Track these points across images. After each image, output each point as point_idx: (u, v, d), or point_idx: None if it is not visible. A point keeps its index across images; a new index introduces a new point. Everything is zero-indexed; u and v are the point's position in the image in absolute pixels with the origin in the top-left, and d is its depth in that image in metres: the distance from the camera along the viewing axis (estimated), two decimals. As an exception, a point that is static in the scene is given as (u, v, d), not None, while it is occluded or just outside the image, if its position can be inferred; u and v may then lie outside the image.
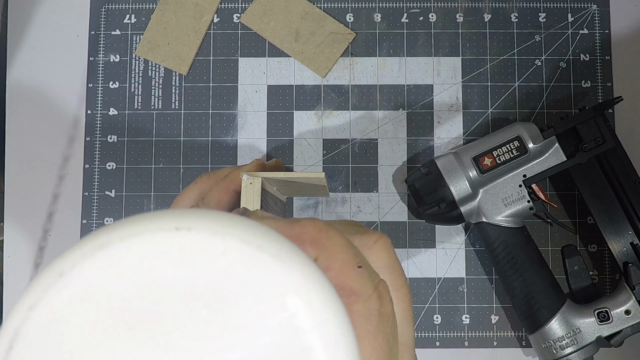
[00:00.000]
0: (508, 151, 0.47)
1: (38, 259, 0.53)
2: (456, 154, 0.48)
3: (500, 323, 0.52)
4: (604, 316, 0.46)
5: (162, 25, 0.54)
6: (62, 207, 0.53)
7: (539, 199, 0.48)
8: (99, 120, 0.54)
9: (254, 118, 0.54)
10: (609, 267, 0.52)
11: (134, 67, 0.54)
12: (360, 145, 0.53)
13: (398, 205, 0.53)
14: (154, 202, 0.53)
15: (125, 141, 0.54)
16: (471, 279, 0.52)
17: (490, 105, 0.54)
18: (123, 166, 0.53)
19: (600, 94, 0.53)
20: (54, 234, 0.53)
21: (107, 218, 0.53)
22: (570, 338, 0.46)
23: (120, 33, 0.55)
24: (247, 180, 0.37)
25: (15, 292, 0.52)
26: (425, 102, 0.54)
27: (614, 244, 0.48)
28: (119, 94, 0.54)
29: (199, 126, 0.54)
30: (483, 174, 0.47)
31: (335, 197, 0.53)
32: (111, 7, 0.55)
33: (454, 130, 0.53)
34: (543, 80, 0.54)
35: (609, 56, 0.54)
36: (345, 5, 0.55)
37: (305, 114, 0.54)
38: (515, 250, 0.47)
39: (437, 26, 0.54)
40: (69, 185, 0.53)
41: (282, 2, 0.54)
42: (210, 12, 0.54)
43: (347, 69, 0.54)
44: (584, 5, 0.54)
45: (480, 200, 0.48)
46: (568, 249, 0.52)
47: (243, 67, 0.54)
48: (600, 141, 0.47)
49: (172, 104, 0.54)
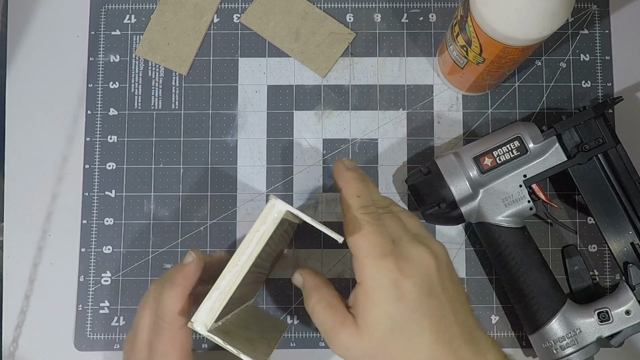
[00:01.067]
0: (508, 151, 0.47)
1: (37, 259, 0.53)
2: (456, 154, 0.48)
3: (501, 323, 0.52)
4: (605, 316, 0.46)
5: (162, 25, 0.54)
6: (61, 207, 0.53)
7: (539, 199, 0.48)
8: (99, 120, 0.54)
9: (254, 118, 0.54)
10: (609, 267, 0.52)
11: (134, 67, 0.54)
12: (360, 145, 0.53)
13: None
14: (154, 202, 0.53)
15: (125, 141, 0.53)
16: (471, 279, 0.52)
17: (490, 105, 0.54)
18: (123, 166, 0.53)
19: (600, 94, 0.53)
20: (54, 234, 0.53)
21: (107, 218, 0.53)
22: (571, 338, 0.46)
23: (120, 33, 0.55)
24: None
25: (15, 292, 0.52)
26: (425, 102, 0.54)
27: (614, 244, 0.48)
28: (119, 94, 0.54)
29: (199, 126, 0.54)
30: (483, 174, 0.47)
31: (336, 197, 0.53)
32: (111, 7, 0.55)
33: (454, 130, 0.53)
34: (543, 80, 0.54)
35: (609, 56, 0.54)
36: (345, 5, 0.55)
37: (305, 114, 0.54)
38: (516, 250, 0.47)
39: (437, 26, 0.54)
40: (68, 185, 0.53)
41: (282, 2, 0.54)
42: (210, 12, 0.54)
43: (347, 69, 0.54)
44: (584, 5, 0.54)
45: (480, 200, 0.48)
46: (568, 249, 0.52)
47: (243, 67, 0.54)
48: (600, 141, 0.47)
49: (172, 104, 0.54)
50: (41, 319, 0.52)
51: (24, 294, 0.52)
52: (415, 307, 0.36)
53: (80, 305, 0.52)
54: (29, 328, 0.52)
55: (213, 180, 0.53)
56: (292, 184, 0.53)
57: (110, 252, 0.52)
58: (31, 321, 0.52)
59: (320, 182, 0.53)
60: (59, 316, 0.52)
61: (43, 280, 0.52)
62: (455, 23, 0.45)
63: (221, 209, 0.52)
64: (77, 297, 0.52)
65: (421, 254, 0.37)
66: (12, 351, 0.52)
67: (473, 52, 0.44)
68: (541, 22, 0.38)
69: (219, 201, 0.53)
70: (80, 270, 0.52)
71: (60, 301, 0.52)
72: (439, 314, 0.36)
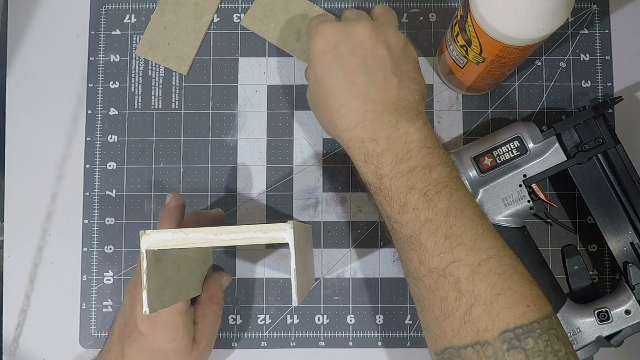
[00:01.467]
0: (508, 151, 0.47)
1: (37, 259, 0.53)
2: (456, 154, 0.48)
3: (500, 323, 0.52)
4: (604, 316, 0.46)
5: (162, 25, 0.54)
6: (61, 207, 0.53)
7: (539, 198, 0.48)
8: (99, 120, 0.54)
9: (254, 118, 0.54)
10: (609, 267, 0.52)
11: (134, 67, 0.54)
12: (360, 145, 0.53)
13: (398, 205, 0.53)
14: (154, 202, 0.53)
15: (125, 141, 0.54)
16: (471, 279, 0.52)
17: (490, 105, 0.54)
18: (123, 166, 0.53)
19: (600, 94, 0.53)
20: (54, 234, 0.53)
21: (107, 218, 0.53)
22: (571, 338, 0.46)
23: (120, 33, 0.55)
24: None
25: (15, 292, 0.52)
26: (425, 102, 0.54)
27: (614, 243, 0.48)
28: (119, 94, 0.54)
29: (199, 126, 0.54)
30: (483, 174, 0.47)
31: (335, 197, 0.53)
32: (111, 7, 0.55)
33: (454, 130, 0.53)
34: (543, 80, 0.54)
35: (609, 56, 0.54)
36: (345, 5, 0.55)
37: (305, 114, 0.54)
38: (515, 250, 0.47)
39: (437, 26, 0.54)
40: (68, 185, 0.53)
41: (282, 3, 0.54)
42: (210, 12, 0.54)
43: (347, 69, 0.54)
44: (584, 5, 0.54)
45: (480, 200, 0.48)
46: (568, 249, 0.52)
47: (243, 67, 0.54)
48: (600, 141, 0.47)
49: (172, 104, 0.54)
50: (42, 318, 0.52)
51: (24, 293, 0.52)
52: (335, 60, 0.41)
53: (84, 303, 0.52)
54: (29, 327, 0.52)
55: (213, 180, 0.53)
56: (292, 184, 0.53)
57: (112, 251, 0.52)
58: (32, 320, 0.52)
59: (320, 182, 0.53)
60: (60, 315, 0.52)
61: (43, 279, 0.52)
62: (455, 23, 0.45)
63: (221, 208, 0.52)
64: (80, 296, 0.52)
65: (362, 28, 0.41)
66: (13, 350, 0.52)
67: (473, 52, 0.44)
68: (541, 22, 0.38)
69: (218, 201, 0.53)
70: (82, 269, 0.52)
71: (61, 300, 0.52)
72: (359, 71, 0.40)
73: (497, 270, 0.36)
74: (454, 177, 0.39)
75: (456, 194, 0.38)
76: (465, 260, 0.36)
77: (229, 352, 0.52)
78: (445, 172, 0.38)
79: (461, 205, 0.38)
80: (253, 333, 0.52)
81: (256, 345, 0.52)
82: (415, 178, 0.38)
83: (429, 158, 0.38)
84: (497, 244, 0.37)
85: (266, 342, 0.52)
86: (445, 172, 0.38)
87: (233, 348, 0.52)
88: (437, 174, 0.38)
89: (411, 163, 0.38)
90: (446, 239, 0.37)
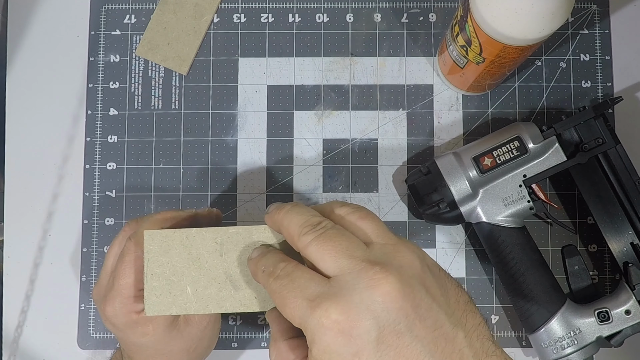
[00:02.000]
0: (508, 151, 0.47)
1: (38, 259, 0.53)
2: (456, 154, 0.48)
3: (501, 323, 0.52)
4: (604, 316, 0.46)
5: (162, 25, 0.54)
6: (61, 207, 0.53)
7: (539, 199, 0.48)
8: (99, 120, 0.54)
9: (254, 118, 0.54)
10: (609, 267, 0.52)
11: (134, 67, 0.54)
12: (360, 145, 0.53)
13: (398, 205, 0.53)
14: (154, 202, 0.53)
15: (125, 141, 0.54)
16: (471, 279, 0.52)
17: (490, 105, 0.54)
18: (123, 166, 0.53)
19: (600, 94, 0.53)
20: (54, 234, 0.53)
21: (107, 218, 0.53)
22: (571, 338, 0.46)
23: (120, 33, 0.55)
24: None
25: (15, 292, 0.52)
26: (425, 102, 0.54)
27: (614, 244, 0.48)
28: (119, 94, 0.54)
29: (199, 126, 0.54)
30: (483, 174, 0.47)
31: (336, 197, 0.53)
32: (111, 7, 0.55)
33: (454, 130, 0.53)
34: (543, 80, 0.54)
35: (609, 56, 0.54)
36: (345, 5, 0.55)
37: (305, 114, 0.54)
38: (515, 250, 0.47)
39: (437, 26, 0.54)
40: (68, 185, 0.53)
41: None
42: (210, 12, 0.54)
43: (347, 69, 0.54)
44: (584, 5, 0.54)
45: (480, 200, 0.48)
46: (568, 249, 0.52)
47: (243, 67, 0.54)
48: (600, 141, 0.47)
49: (172, 104, 0.54)
50: (42, 318, 0.52)
51: (24, 293, 0.52)
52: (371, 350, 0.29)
53: (83, 304, 0.52)
54: (29, 328, 0.52)
55: (213, 180, 0.53)
56: (292, 184, 0.53)
57: (111, 252, 0.52)
58: (32, 321, 0.52)
59: (320, 182, 0.53)
60: (60, 316, 0.52)
61: (43, 280, 0.52)
62: (455, 23, 0.45)
63: (221, 208, 0.52)
64: (79, 296, 0.52)
65: (370, 287, 0.29)
66: (13, 350, 0.52)
67: (473, 52, 0.44)
68: (541, 22, 0.38)
69: (219, 201, 0.53)
70: (82, 269, 0.52)
71: (61, 301, 0.52)
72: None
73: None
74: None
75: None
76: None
77: (229, 352, 0.52)
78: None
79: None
80: (253, 333, 0.52)
81: (256, 345, 0.52)
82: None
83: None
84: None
85: (266, 342, 0.52)
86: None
87: (233, 348, 0.52)
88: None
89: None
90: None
